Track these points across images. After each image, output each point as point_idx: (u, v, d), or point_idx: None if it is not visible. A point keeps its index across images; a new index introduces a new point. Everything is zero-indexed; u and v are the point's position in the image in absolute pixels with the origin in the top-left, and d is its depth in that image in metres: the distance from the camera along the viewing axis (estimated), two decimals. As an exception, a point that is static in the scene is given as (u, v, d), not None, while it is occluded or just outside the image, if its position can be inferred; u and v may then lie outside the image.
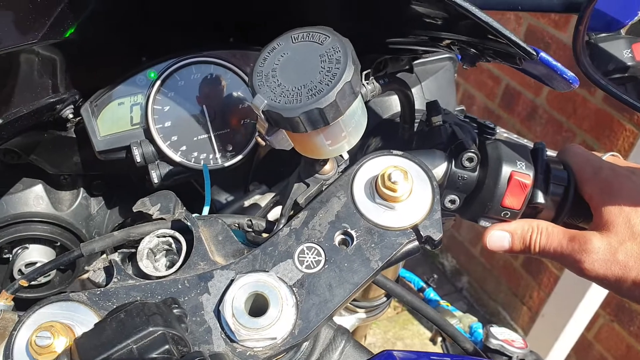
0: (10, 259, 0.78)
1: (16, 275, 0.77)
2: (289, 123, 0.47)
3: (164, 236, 0.57)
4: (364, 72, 0.58)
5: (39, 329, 0.48)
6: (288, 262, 0.53)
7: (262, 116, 0.48)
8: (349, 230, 0.54)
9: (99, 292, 0.51)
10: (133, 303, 0.48)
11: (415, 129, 0.71)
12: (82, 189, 0.81)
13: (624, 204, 0.58)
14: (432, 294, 1.05)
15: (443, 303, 1.05)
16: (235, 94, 0.72)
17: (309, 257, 0.53)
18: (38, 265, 0.77)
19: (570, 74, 0.47)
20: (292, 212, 0.57)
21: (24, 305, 0.61)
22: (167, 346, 0.45)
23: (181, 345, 0.47)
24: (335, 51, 0.48)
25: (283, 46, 0.50)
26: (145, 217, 0.62)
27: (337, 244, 0.54)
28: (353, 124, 0.51)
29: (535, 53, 0.46)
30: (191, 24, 0.73)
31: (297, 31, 0.50)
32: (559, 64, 0.46)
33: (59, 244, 0.78)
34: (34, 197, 0.77)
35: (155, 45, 0.72)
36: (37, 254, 0.77)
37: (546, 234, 0.61)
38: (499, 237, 0.62)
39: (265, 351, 0.50)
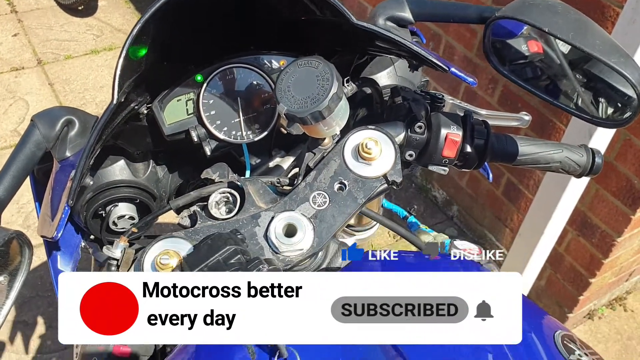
0: (104, 214, 1.08)
1: (111, 226, 1.07)
2: (300, 120, 0.77)
3: (224, 193, 0.88)
4: (345, 79, 0.88)
5: (160, 255, 0.79)
6: (306, 204, 0.83)
7: (284, 116, 0.78)
8: (343, 180, 0.84)
9: (191, 230, 0.82)
10: (214, 234, 0.79)
11: (386, 105, 1.00)
12: (151, 160, 1.09)
13: None
14: (413, 220, 1.36)
15: (423, 227, 1.35)
16: (258, 87, 1.00)
17: (319, 200, 0.83)
18: (126, 217, 1.07)
19: (470, 79, 0.76)
20: (305, 172, 0.87)
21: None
22: (239, 256, 0.75)
23: (246, 255, 0.77)
24: (326, 72, 0.77)
25: (293, 70, 0.79)
26: (208, 181, 0.93)
27: (335, 190, 0.84)
28: (340, 115, 0.81)
29: (447, 68, 0.75)
30: (222, 39, 1.01)
31: (301, 59, 0.79)
32: (462, 74, 0.75)
33: (138, 201, 1.07)
34: (119, 169, 1.05)
35: (199, 55, 1.01)
36: (125, 209, 1.06)
37: None
38: None
39: (297, 257, 0.81)
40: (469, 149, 0.90)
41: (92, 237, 1.10)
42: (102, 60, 3.71)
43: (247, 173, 0.96)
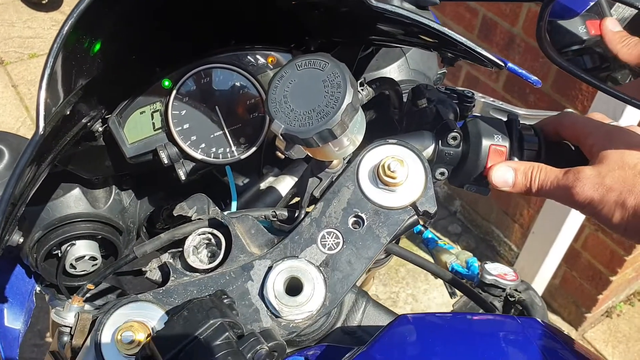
0: (60, 255, 0.87)
1: (68, 269, 0.87)
2: (304, 142, 0.56)
3: (204, 234, 0.67)
4: (358, 81, 0.67)
5: (122, 330, 0.58)
6: (313, 247, 0.63)
7: (281, 137, 0.57)
8: (359, 213, 0.64)
9: (161, 291, 0.62)
10: (192, 301, 0.59)
11: (404, 109, 0.80)
12: (113, 186, 0.89)
13: (620, 146, 0.64)
14: (429, 235, 1.16)
15: (441, 242, 1.16)
16: (242, 91, 0.80)
17: (330, 240, 0.63)
18: (87, 258, 0.87)
19: (534, 78, 0.56)
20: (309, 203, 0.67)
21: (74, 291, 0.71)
22: (226, 333, 0.55)
23: (236, 329, 0.57)
24: (335, 76, 0.56)
25: (290, 74, 0.58)
26: (183, 218, 0.72)
27: (351, 227, 0.64)
28: (355, 131, 0.61)
29: (503, 64, 0.55)
30: (195, 32, 0.80)
31: (300, 59, 0.58)
32: (524, 71, 0.55)
33: (100, 237, 0.88)
34: (74, 200, 0.86)
35: (165, 54, 0.80)
36: (84, 249, 0.86)
37: (545, 171, 0.67)
38: (504, 172, 0.68)
39: (304, 321, 0.61)
40: None
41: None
42: (71, 57, 3.45)
43: (234, 205, 0.75)
